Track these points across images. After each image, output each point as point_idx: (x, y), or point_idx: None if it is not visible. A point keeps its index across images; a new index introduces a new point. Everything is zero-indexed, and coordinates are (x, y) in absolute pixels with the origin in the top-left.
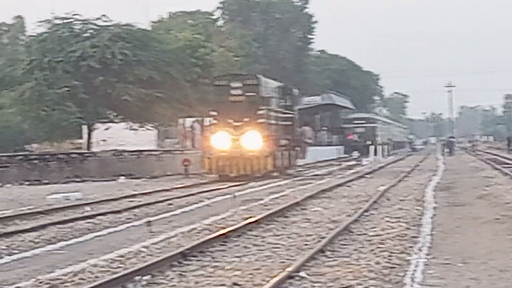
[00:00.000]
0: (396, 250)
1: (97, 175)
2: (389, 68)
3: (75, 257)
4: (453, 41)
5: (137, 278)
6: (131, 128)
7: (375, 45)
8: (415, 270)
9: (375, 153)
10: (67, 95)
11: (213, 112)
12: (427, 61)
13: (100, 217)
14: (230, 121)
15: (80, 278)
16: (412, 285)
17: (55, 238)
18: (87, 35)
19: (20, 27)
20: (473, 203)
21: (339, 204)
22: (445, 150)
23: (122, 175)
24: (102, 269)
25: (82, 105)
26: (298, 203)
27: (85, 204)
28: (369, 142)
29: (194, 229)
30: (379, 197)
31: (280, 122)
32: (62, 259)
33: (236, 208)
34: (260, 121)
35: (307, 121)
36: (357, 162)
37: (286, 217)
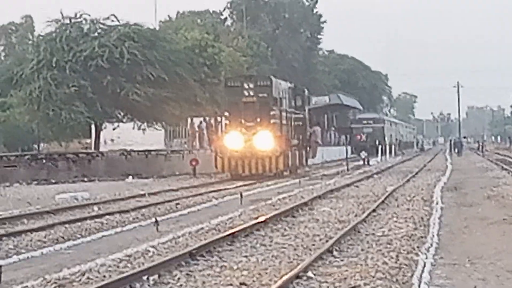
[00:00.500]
0: (404, 250)
1: (105, 175)
2: (398, 68)
3: (82, 256)
4: (462, 41)
5: (145, 277)
6: (139, 127)
7: (384, 45)
8: (423, 270)
9: (383, 153)
10: (75, 95)
11: (225, 113)
12: (435, 61)
13: (108, 216)
14: (242, 121)
15: (88, 278)
16: (419, 285)
17: (63, 237)
18: (95, 34)
19: (28, 26)
20: (481, 203)
21: (347, 204)
22: (453, 151)
23: (130, 175)
24: (109, 268)
25: (90, 104)
26: (306, 203)
27: (93, 204)
28: (377, 142)
29: (202, 229)
30: (386, 197)
31: (292, 123)
32: (70, 258)
33: (244, 208)
34: (272, 121)
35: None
36: (365, 162)
37: (294, 217)
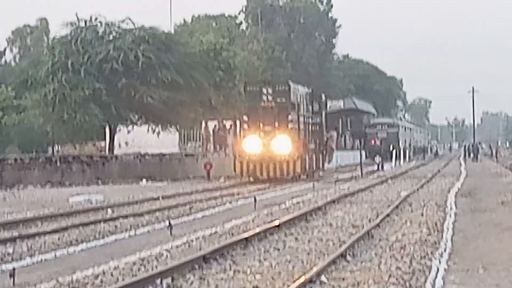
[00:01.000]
0: (417, 255)
1: (119, 178)
2: (413, 73)
3: (96, 259)
4: (477, 46)
5: (158, 281)
6: (154, 131)
7: (399, 49)
8: (436, 275)
9: (397, 158)
10: (90, 97)
11: (244, 117)
12: (450, 66)
13: (122, 219)
14: (261, 125)
15: (101, 281)
16: None
17: (76, 240)
18: (110, 37)
19: (44, 28)
20: (495, 209)
21: (361, 209)
22: (470, 156)
23: (144, 178)
24: (122, 271)
25: (105, 107)
26: (319, 208)
27: (106, 207)
28: (391, 147)
29: (215, 232)
30: (400, 202)
31: (309, 127)
32: (83, 261)
33: (258, 212)
34: (289, 126)
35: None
36: (379, 167)
37: (307, 221)
